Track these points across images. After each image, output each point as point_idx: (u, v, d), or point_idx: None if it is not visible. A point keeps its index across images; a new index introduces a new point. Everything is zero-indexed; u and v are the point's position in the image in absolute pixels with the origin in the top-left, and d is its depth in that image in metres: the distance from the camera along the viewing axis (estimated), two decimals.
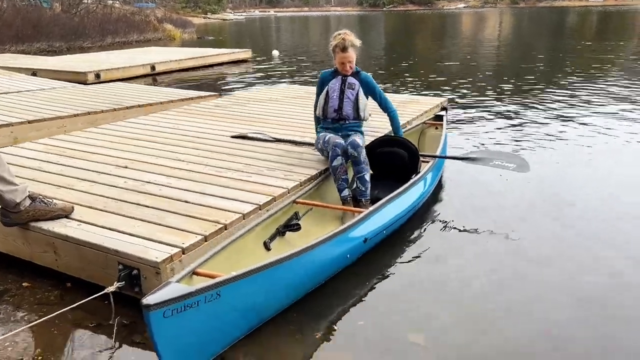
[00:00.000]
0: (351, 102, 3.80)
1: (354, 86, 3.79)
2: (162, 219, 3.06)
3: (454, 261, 3.23)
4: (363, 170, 3.58)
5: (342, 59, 3.74)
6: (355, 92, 3.79)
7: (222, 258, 2.65)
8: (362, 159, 3.56)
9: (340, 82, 3.82)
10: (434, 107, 6.52)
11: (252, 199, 3.39)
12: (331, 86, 3.83)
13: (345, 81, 3.81)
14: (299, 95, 7.35)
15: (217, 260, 2.61)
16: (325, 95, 3.88)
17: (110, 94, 7.61)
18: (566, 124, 6.78)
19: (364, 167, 3.58)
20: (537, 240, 3.50)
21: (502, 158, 3.97)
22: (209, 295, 2.13)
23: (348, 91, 3.79)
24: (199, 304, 2.09)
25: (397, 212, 3.42)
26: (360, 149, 3.56)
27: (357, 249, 3.06)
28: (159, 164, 4.13)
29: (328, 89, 3.85)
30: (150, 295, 1.99)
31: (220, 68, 13.23)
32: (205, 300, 2.12)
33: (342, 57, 3.74)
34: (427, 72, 12.25)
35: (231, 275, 2.23)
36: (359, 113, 3.85)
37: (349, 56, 3.72)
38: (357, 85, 3.79)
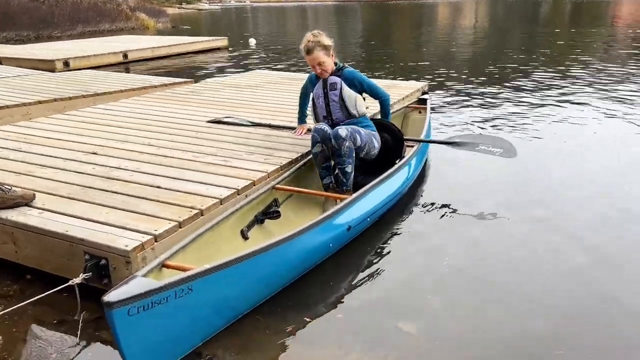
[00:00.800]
0: (337, 104, 3.48)
1: (335, 86, 3.46)
2: (133, 205, 2.85)
3: (441, 248, 3.08)
4: (344, 162, 3.28)
5: (310, 62, 3.45)
6: (338, 91, 3.46)
7: (195, 249, 2.45)
8: (343, 152, 3.25)
9: (322, 86, 3.52)
10: (414, 91, 6.38)
11: (230, 184, 3.19)
12: (315, 92, 3.56)
13: (326, 83, 3.50)
14: (275, 80, 7.13)
15: (190, 251, 2.41)
16: (312, 103, 3.62)
17: (79, 81, 7.28)
18: (544, 106, 6.77)
19: (345, 159, 3.27)
20: (524, 224, 3.38)
21: (489, 142, 3.82)
22: (180, 290, 1.94)
23: (331, 93, 3.48)
24: (168, 299, 1.90)
25: (381, 198, 3.25)
26: (341, 141, 3.25)
27: (340, 238, 2.89)
28: (130, 149, 3.89)
29: (313, 96, 3.59)
30: (113, 292, 1.79)
31: (196, 56, 12.87)
32: (175, 295, 1.92)
33: (309, 59, 3.44)
34: (406, 59, 12.13)
35: (204, 267, 2.04)
36: (349, 112, 3.50)
37: (316, 58, 3.40)
38: (339, 83, 3.46)
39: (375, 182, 3.23)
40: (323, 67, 3.43)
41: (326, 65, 3.43)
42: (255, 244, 2.45)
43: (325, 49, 3.41)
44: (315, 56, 3.40)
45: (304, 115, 4.20)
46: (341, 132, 3.27)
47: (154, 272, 2.13)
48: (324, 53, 3.40)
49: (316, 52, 3.39)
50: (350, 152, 3.28)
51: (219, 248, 2.60)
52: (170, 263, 2.22)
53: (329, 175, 3.41)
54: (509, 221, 3.41)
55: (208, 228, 2.57)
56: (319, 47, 3.38)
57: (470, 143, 3.83)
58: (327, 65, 3.44)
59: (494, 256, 2.98)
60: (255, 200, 3.01)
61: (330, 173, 3.41)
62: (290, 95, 6.02)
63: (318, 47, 3.38)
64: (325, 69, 3.44)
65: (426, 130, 4.32)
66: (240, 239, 2.83)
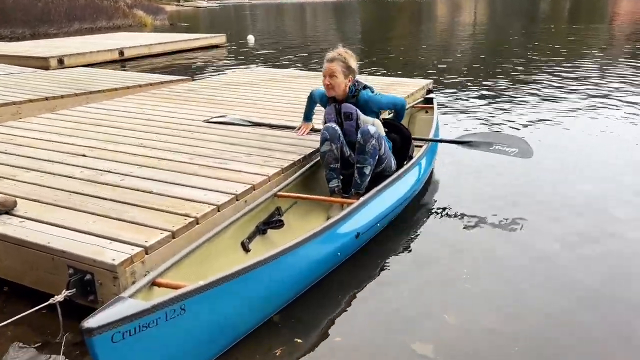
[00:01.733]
0: (354, 132, 3.18)
1: (351, 116, 3.16)
2: (123, 213, 2.63)
3: (456, 258, 2.87)
4: (364, 162, 3.06)
5: (325, 71, 3.16)
6: (354, 121, 3.15)
7: (190, 263, 2.24)
8: (367, 149, 3.02)
9: (334, 112, 3.21)
10: (419, 89, 6.16)
11: (228, 189, 2.97)
12: (328, 116, 3.25)
13: (340, 111, 3.19)
14: (274, 78, 6.91)
15: (184, 266, 2.20)
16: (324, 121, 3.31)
17: (73, 79, 7.05)
18: (553, 102, 6.58)
19: (366, 158, 3.04)
20: (544, 231, 3.15)
21: (503, 142, 3.61)
22: (171, 311, 1.72)
23: (347, 124, 3.17)
24: (158, 322, 1.69)
25: (391, 201, 3.04)
26: (369, 137, 3.01)
27: (348, 246, 2.68)
28: (122, 151, 3.67)
29: (325, 118, 3.27)
30: (93, 317, 1.57)
31: (194, 53, 12.63)
32: (166, 317, 1.71)
33: (325, 68, 3.16)
34: (407, 56, 11.91)
35: (198, 284, 1.83)
36: None
37: (333, 69, 3.11)
38: (355, 113, 3.15)
39: (385, 184, 3.03)
40: (333, 82, 3.14)
41: (337, 84, 3.14)
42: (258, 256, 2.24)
43: (346, 69, 3.15)
44: (333, 67, 3.12)
45: (310, 115, 4.02)
46: (371, 128, 3.06)
47: (143, 292, 1.92)
48: (342, 71, 3.12)
49: (336, 64, 3.12)
50: (375, 152, 3.06)
51: (218, 262, 2.38)
52: (162, 280, 2.01)
53: (336, 178, 3.18)
54: (528, 227, 3.19)
55: (205, 240, 2.35)
56: (342, 64, 3.13)
57: (483, 142, 3.62)
58: (338, 85, 3.15)
59: (514, 269, 2.75)
60: (257, 209, 2.79)
61: (337, 176, 3.18)
62: (290, 93, 5.80)
63: (341, 63, 3.13)
64: (333, 87, 3.15)
65: (434, 130, 4.11)
66: (241, 251, 2.61)
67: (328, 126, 3.17)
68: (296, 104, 5.26)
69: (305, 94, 5.85)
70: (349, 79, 3.18)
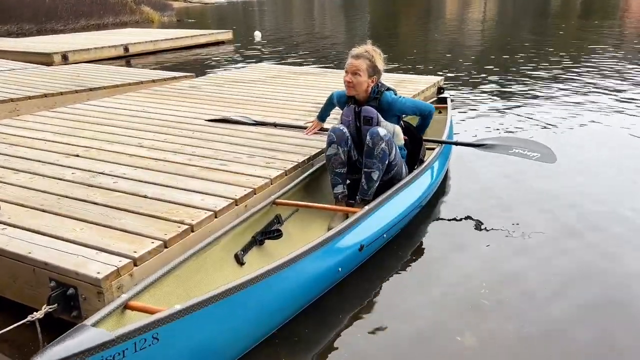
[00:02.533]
0: None
1: (371, 120, 2.88)
2: (113, 220, 2.45)
3: (472, 272, 2.64)
4: (372, 166, 2.79)
5: (349, 67, 2.89)
6: (374, 127, 2.87)
7: (174, 281, 2.03)
8: (376, 152, 2.77)
9: (353, 115, 2.94)
10: (430, 86, 5.96)
11: (227, 193, 2.78)
12: (344, 118, 2.98)
13: (359, 115, 2.92)
14: (281, 75, 6.71)
15: (167, 284, 1.99)
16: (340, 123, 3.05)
17: (74, 75, 6.89)
18: (569, 102, 6.29)
19: (374, 162, 2.78)
20: (570, 245, 2.91)
21: (523, 146, 3.35)
22: (142, 341, 1.51)
23: (365, 129, 2.89)
24: (125, 354, 1.48)
25: (399, 210, 2.80)
26: (378, 140, 2.75)
27: (351, 260, 2.44)
28: (118, 151, 3.49)
29: (342, 120, 3.02)
30: (49, 349, 1.37)
31: (199, 50, 12.44)
32: (135, 347, 1.50)
33: (349, 64, 2.89)
34: (417, 53, 11.66)
35: (174, 309, 1.60)
36: None
37: (357, 66, 2.85)
38: (375, 117, 2.89)
39: (392, 190, 2.80)
40: (354, 81, 2.88)
41: (359, 83, 2.88)
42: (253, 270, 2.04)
43: (372, 69, 2.88)
44: (358, 64, 2.85)
45: (324, 115, 3.82)
46: (381, 130, 2.80)
47: (113, 317, 1.70)
48: (367, 70, 2.86)
49: (362, 62, 2.86)
50: (384, 156, 2.79)
51: (207, 278, 2.19)
52: (135, 303, 1.76)
53: (341, 184, 2.93)
54: (552, 240, 2.95)
55: (193, 253, 2.14)
56: (368, 62, 2.87)
57: (502, 146, 3.38)
58: (360, 83, 2.89)
59: (537, 285, 2.52)
60: (253, 217, 2.57)
61: (343, 182, 2.94)
62: (296, 90, 5.61)
63: (367, 61, 2.87)
64: (354, 86, 2.89)
65: (448, 132, 3.86)
66: (235, 265, 2.40)
67: (335, 127, 2.93)
68: (302, 101, 5.07)
69: (311, 91, 5.71)
70: (372, 80, 2.92)
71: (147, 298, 1.87)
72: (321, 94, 5.41)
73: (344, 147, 2.89)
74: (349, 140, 2.92)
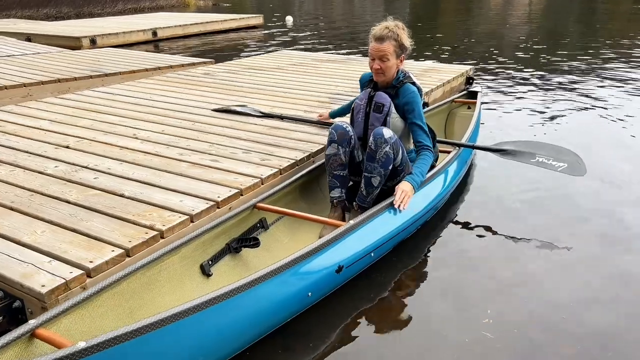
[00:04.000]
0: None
1: (381, 108, 2.58)
2: (80, 222, 2.26)
3: (477, 301, 2.35)
4: (373, 170, 2.47)
5: (374, 51, 2.56)
6: (382, 115, 2.59)
7: (113, 299, 1.79)
8: (379, 156, 2.45)
9: (366, 99, 2.66)
10: (457, 75, 5.56)
11: (210, 193, 2.55)
12: (357, 102, 2.70)
13: (372, 99, 2.63)
14: (302, 62, 6.43)
15: (103, 303, 1.74)
16: (351, 113, 2.75)
17: (94, 59, 6.80)
18: (618, 105, 5.72)
19: (376, 166, 2.46)
20: (590, 265, 2.59)
21: (549, 153, 2.98)
22: None
23: (373, 116, 2.61)
24: None
25: (394, 225, 2.41)
26: (382, 142, 2.44)
27: (324, 283, 2.09)
28: (110, 143, 3.32)
29: (354, 105, 2.73)
30: None
31: (229, 35, 12.28)
32: None
33: (374, 48, 2.56)
34: (455, 40, 11.14)
35: (77, 347, 1.32)
36: None
37: (384, 49, 2.53)
38: (387, 105, 2.58)
39: (386, 203, 2.40)
40: (384, 66, 2.56)
41: (388, 67, 2.57)
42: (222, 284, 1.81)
43: (399, 48, 2.57)
44: (385, 47, 2.53)
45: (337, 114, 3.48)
46: (385, 132, 2.47)
47: (18, 345, 1.45)
48: (395, 50, 2.55)
49: (388, 44, 2.53)
50: (387, 160, 2.46)
51: (162, 294, 1.96)
52: (44, 332, 1.49)
53: (339, 187, 2.62)
54: (573, 258, 2.62)
55: (146, 263, 1.90)
56: (394, 42, 2.55)
57: (524, 153, 3.01)
58: (390, 67, 2.58)
59: (555, 319, 2.23)
60: (230, 221, 2.32)
61: (341, 185, 2.63)
62: (316, 80, 5.32)
63: (393, 41, 2.55)
64: (384, 71, 2.58)
65: (472, 131, 3.45)
66: (200, 277, 2.15)
67: (338, 124, 2.62)
68: (318, 91, 4.79)
69: (331, 80, 5.39)
70: (400, 59, 2.61)
71: (72, 322, 1.64)
72: (342, 83, 5.11)
73: (346, 147, 2.59)
74: (352, 139, 2.61)
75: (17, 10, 17.43)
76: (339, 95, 4.64)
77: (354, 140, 2.62)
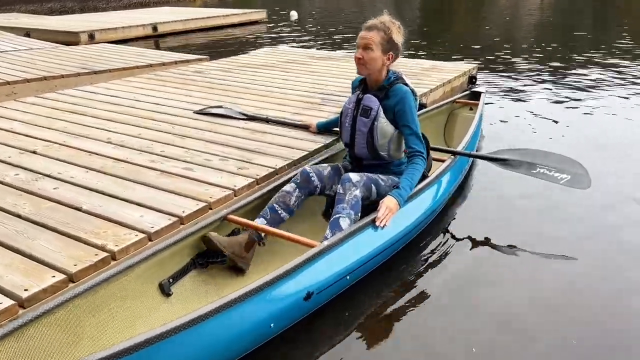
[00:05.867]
0: (363, 135, 2.42)
1: (369, 112, 2.38)
2: (26, 239, 2.06)
3: (468, 328, 2.13)
4: (341, 212, 2.20)
5: (358, 41, 2.37)
6: (369, 121, 2.38)
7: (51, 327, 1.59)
8: (347, 199, 2.24)
9: (355, 102, 2.46)
10: (459, 75, 5.32)
11: (175, 208, 2.34)
12: (346, 106, 2.51)
13: (360, 102, 2.43)
14: (299, 59, 6.20)
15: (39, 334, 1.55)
16: (340, 117, 2.57)
17: (86, 56, 6.61)
18: (632, 106, 5.43)
19: (344, 208, 2.21)
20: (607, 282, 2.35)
21: (552, 164, 2.74)
22: None
23: (360, 120, 2.40)
24: None
25: (374, 245, 2.16)
26: (349, 186, 2.26)
27: (290, 312, 1.86)
28: (81, 147, 3.12)
29: (343, 110, 2.55)
30: None
31: (231, 30, 12.07)
32: None
33: (360, 37, 2.37)
34: (458, 39, 10.85)
35: None
36: (377, 152, 2.44)
37: (369, 38, 2.32)
38: (376, 110, 2.37)
39: (363, 223, 2.15)
40: (366, 57, 2.34)
41: (371, 58, 2.34)
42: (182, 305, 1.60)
43: (387, 42, 2.34)
44: (370, 37, 2.32)
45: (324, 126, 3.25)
46: (352, 176, 2.30)
47: None
48: (381, 43, 2.33)
49: (375, 34, 2.33)
50: (356, 204, 2.24)
51: (111, 318, 1.76)
52: None
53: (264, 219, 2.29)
54: (579, 279, 2.39)
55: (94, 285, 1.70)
56: (382, 34, 2.33)
57: (524, 163, 2.77)
58: (373, 60, 2.34)
59: (555, 338, 2.00)
60: (197, 234, 2.12)
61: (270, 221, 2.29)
62: (310, 79, 5.10)
63: (382, 33, 2.33)
64: (366, 62, 2.35)
65: (471, 136, 3.20)
66: (159, 296, 1.95)
67: (306, 171, 2.41)
68: (311, 91, 4.56)
69: (325, 80, 5.15)
70: (388, 57, 2.37)
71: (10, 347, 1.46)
72: (336, 83, 4.88)
73: (302, 193, 2.38)
74: (316, 190, 2.42)
75: (22, 4, 17.36)
76: (330, 96, 4.41)
77: (319, 189, 2.43)
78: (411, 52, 8.16)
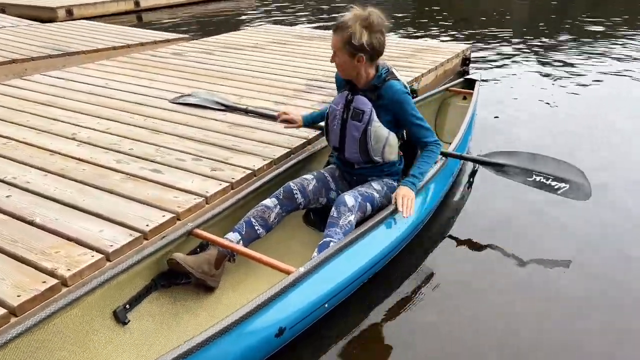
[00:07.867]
0: (355, 140, 2.20)
1: (361, 116, 2.15)
2: None
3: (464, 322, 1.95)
4: (334, 235, 2.01)
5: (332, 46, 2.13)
6: (362, 124, 2.15)
7: None
8: (341, 224, 2.04)
9: (343, 103, 2.22)
10: (452, 56, 5.06)
11: (138, 221, 2.11)
12: (332, 106, 2.28)
13: (349, 103, 2.20)
14: (285, 39, 5.89)
15: None
16: (326, 119, 2.33)
17: (61, 35, 6.26)
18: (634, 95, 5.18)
19: (337, 232, 2.02)
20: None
21: (549, 170, 2.50)
22: None
23: (351, 124, 2.18)
24: None
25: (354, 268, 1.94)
26: (344, 210, 2.07)
27: (256, 352, 1.65)
28: (42, 146, 2.86)
29: (329, 109, 2.32)
30: None
31: (219, 4, 11.62)
32: None
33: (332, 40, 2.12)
34: (450, 19, 10.50)
35: None
36: (370, 156, 2.22)
37: (333, 43, 2.09)
38: (369, 111, 2.14)
39: (342, 244, 1.90)
40: (337, 62, 2.12)
41: (339, 64, 2.13)
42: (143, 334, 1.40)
43: (349, 45, 2.03)
44: (334, 41, 2.08)
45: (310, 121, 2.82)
46: (348, 199, 2.10)
47: None
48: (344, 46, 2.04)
49: (337, 36, 2.06)
50: (350, 227, 2.05)
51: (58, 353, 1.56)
52: None
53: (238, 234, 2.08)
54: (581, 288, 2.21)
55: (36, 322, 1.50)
56: (342, 37, 2.04)
57: (519, 169, 2.54)
58: (342, 66, 2.13)
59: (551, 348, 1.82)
60: (160, 252, 1.90)
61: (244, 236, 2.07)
62: (296, 62, 4.83)
63: (344, 34, 2.03)
64: (339, 67, 2.15)
65: (464, 131, 2.95)
66: (113, 326, 1.74)
67: (289, 187, 2.20)
68: (296, 76, 4.30)
69: (313, 62, 4.87)
70: (358, 59, 2.07)
71: None
72: (324, 67, 4.60)
73: (283, 211, 2.18)
74: (299, 207, 2.23)
75: None
76: (318, 82, 4.15)
77: (302, 206, 2.24)
78: (403, 32, 7.86)
